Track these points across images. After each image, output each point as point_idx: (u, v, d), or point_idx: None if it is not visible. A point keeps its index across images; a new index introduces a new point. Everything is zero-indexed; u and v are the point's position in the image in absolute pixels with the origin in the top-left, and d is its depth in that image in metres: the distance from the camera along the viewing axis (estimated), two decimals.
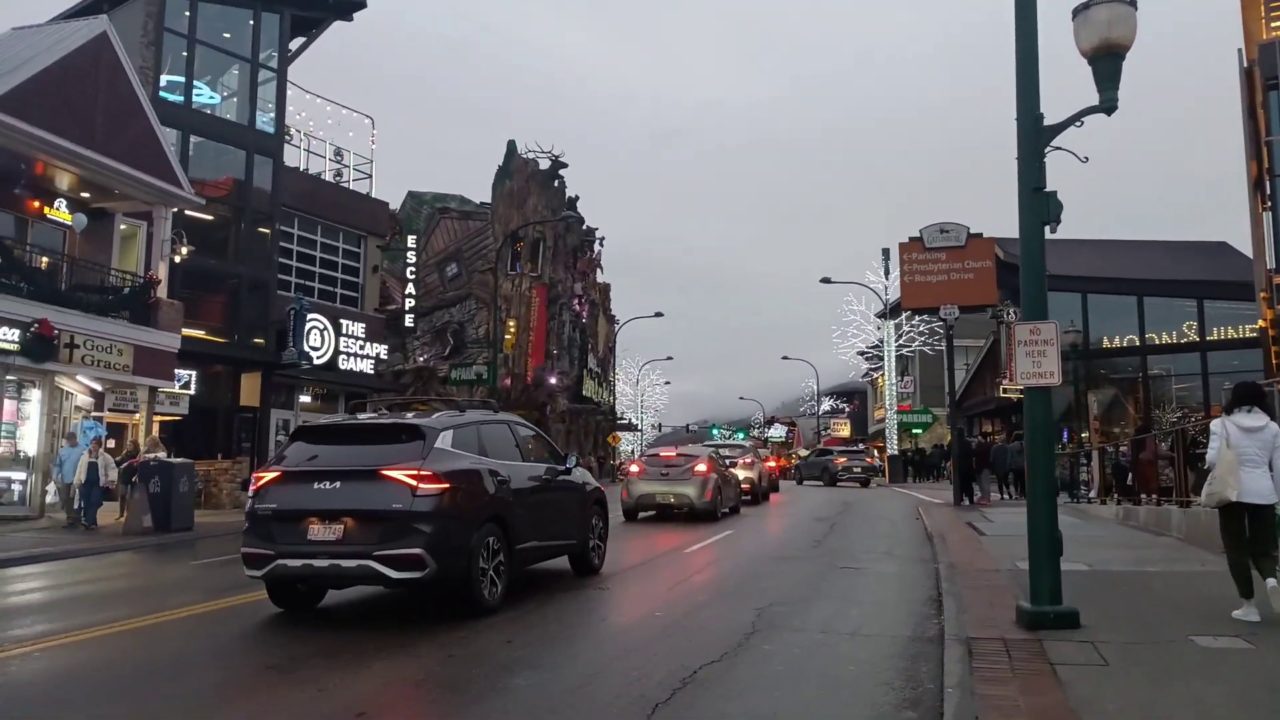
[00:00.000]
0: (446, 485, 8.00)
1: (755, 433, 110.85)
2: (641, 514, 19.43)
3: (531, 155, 49.69)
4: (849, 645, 7.04)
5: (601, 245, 56.84)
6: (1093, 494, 21.28)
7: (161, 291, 21.36)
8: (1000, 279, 42.74)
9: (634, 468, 20.21)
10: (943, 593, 8.92)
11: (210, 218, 31.89)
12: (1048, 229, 7.61)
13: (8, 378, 17.94)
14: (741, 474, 25.24)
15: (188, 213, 30.27)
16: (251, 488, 8.73)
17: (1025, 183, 7.55)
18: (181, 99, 29.84)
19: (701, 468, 19.23)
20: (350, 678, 6.15)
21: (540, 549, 9.72)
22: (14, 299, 17.74)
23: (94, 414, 21.41)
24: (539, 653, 6.78)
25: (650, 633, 7.55)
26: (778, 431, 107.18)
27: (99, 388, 21.20)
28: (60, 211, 19.97)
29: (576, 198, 52.30)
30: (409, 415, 9.44)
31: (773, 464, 32.02)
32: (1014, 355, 7.49)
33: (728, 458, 25.94)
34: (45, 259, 19.70)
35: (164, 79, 29.95)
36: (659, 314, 56.11)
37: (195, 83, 30.78)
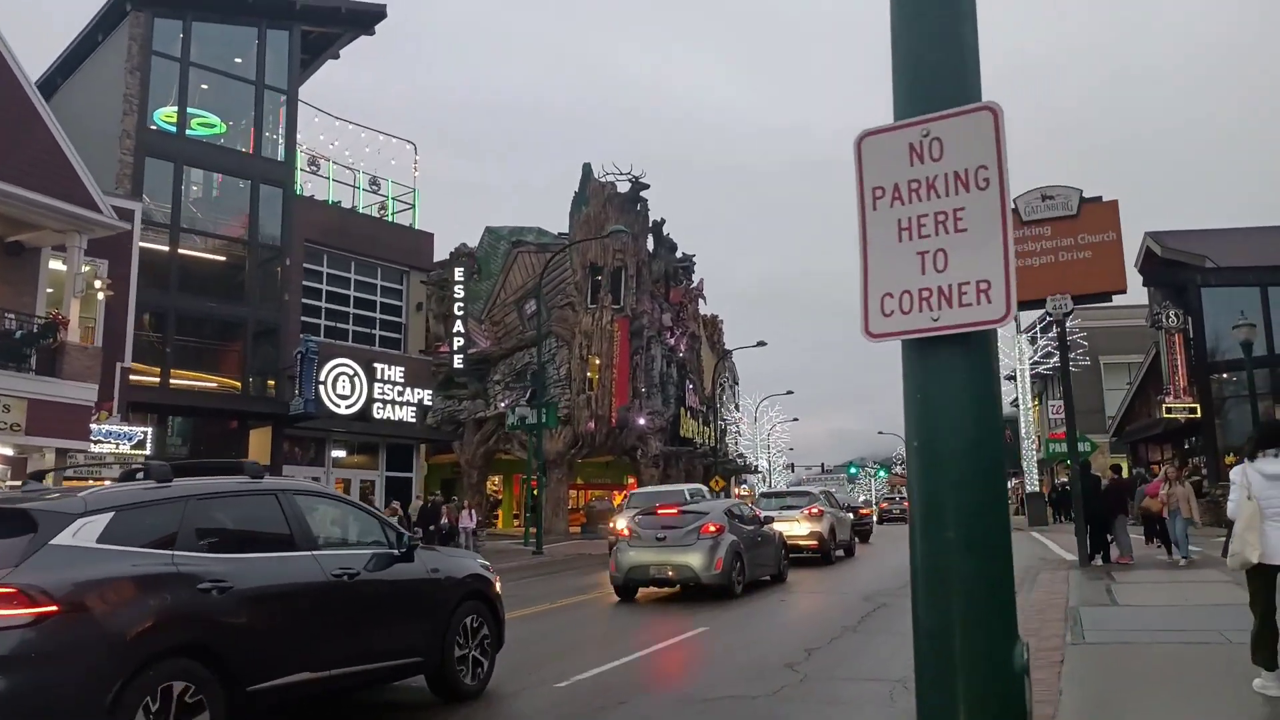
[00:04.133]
0: (49, 608, 4.94)
1: (899, 469, 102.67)
2: (643, 590, 14.43)
3: (610, 178, 45.59)
4: None
5: (694, 270, 51.87)
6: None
7: (74, 335, 17.93)
8: (1155, 276, 35.82)
9: (623, 529, 15.21)
10: None
11: (222, 258, 29.19)
12: None
13: None
14: (803, 528, 19.86)
15: (189, 253, 27.72)
16: None
17: None
18: (174, 128, 27.19)
19: (710, 527, 14.10)
20: None
21: (327, 680, 6.27)
22: None
23: (9, 483, 18.10)
24: None
25: None
26: None
27: (8, 452, 17.91)
28: None
29: (662, 221, 47.83)
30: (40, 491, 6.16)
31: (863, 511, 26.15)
32: (867, 238, 2.33)
33: (791, 507, 20.66)
34: None
35: (168, 109, 27.52)
36: (762, 343, 50.77)
37: (197, 110, 28.14)
